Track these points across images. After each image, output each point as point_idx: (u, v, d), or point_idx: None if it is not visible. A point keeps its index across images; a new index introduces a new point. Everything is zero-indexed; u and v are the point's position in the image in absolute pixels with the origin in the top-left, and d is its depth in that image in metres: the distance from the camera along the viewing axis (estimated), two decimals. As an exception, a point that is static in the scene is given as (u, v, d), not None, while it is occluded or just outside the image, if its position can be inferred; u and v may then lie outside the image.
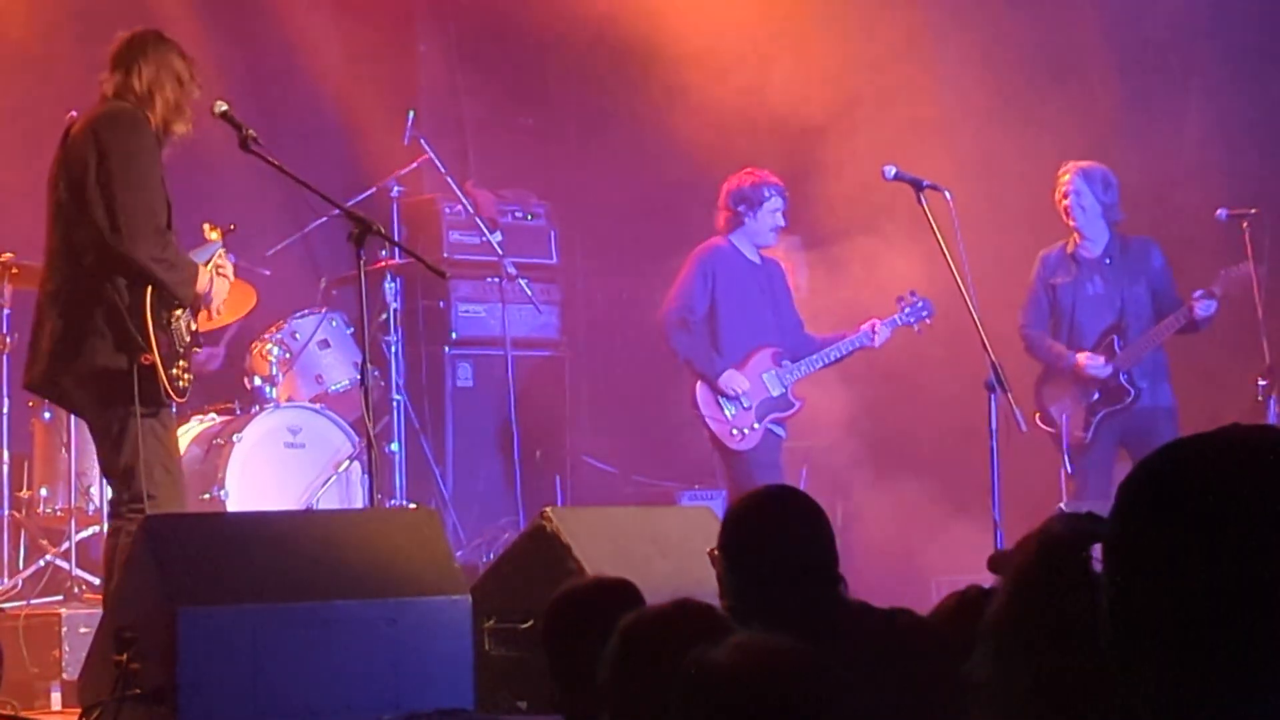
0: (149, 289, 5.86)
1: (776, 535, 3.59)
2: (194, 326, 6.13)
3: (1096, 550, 1.95)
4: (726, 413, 8.06)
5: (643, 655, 2.72)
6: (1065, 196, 8.11)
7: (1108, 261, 8.13)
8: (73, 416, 7.72)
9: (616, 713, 2.70)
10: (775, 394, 8.14)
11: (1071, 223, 8.12)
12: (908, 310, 8.21)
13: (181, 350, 5.99)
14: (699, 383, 8.12)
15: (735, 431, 8.07)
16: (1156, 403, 8.01)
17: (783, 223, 8.25)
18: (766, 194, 8.16)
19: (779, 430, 8.23)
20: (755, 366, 8.15)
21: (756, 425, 8.09)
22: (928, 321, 8.22)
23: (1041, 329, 8.20)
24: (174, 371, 5.92)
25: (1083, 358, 8.03)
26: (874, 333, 8.16)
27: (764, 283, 8.30)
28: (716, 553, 3.66)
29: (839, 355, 8.23)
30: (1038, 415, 8.18)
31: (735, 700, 2.09)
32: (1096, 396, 8.03)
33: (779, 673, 2.10)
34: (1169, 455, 1.70)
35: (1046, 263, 8.23)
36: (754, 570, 3.56)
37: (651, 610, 2.82)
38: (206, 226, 6.39)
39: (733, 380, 8.04)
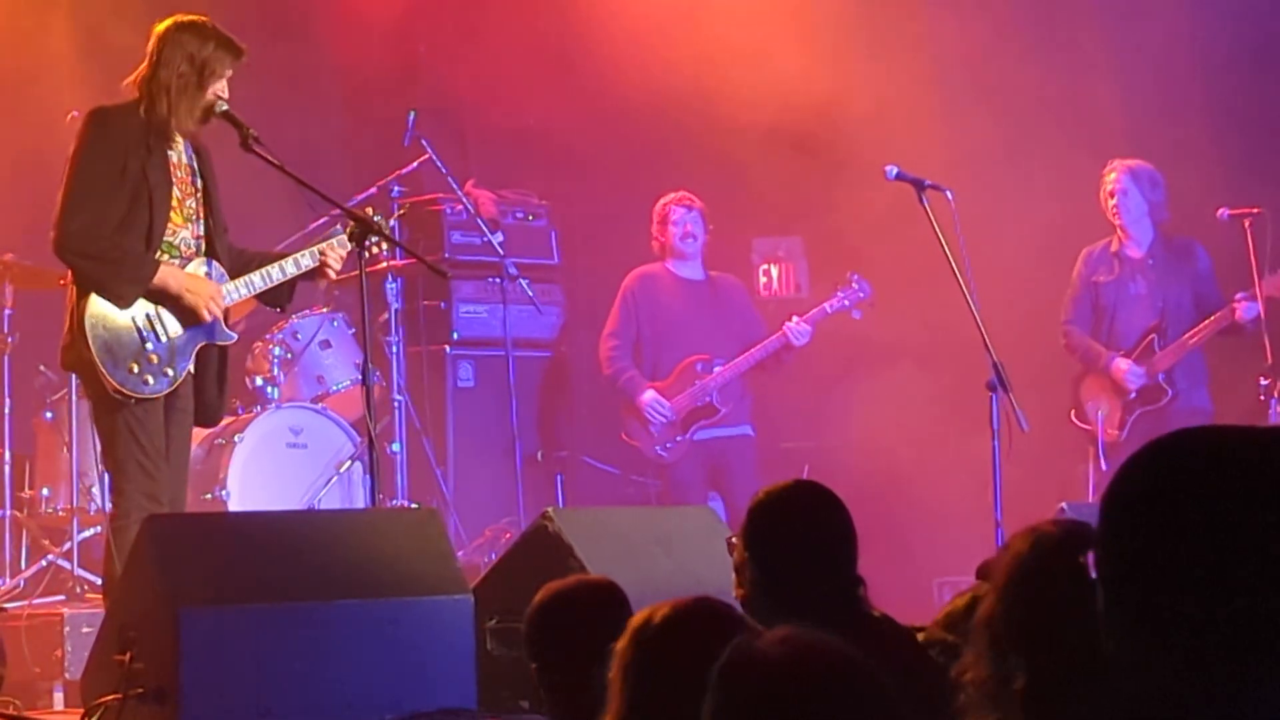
0: (86, 285, 5.88)
1: (801, 528, 3.56)
2: (214, 316, 6.02)
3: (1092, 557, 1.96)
4: (650, 430, 8.48)
5: (656, 652, 2.69)
6: (1112, 195, 8.11)
7: (1151, 262, 8.13)
8: (74, 416, 7.74)
9: (624, 712, 2.67)
10: (700, 404, 8.49)
11: (1118, 221, 8.13)
12: (841, 295, 8.38)
13: (148, 345, 5.90)
14: (624, 410, 8.56)
15: (658, 448, 8.49)
16: (1192, 405, 8.01)
17: (690, 231, 8.59)
18: (666, 211, 8.63)
19: (723, 432, 8.52)
20: (681, 378, 8.49)
21: (680, 439, 8.48)
22: (865, 301, 8.37)
23: (1084, 326, 8.21)
24: (130, 366, 5.86)
25: (1121, 365, 8.01)
26: (787, 334, 8.40)
27: (705, 298, 8.64)
28: (735, 540, 3.64)
29: (760, 356, 8.49)
30: (1073, 412, 8.20)
31: (782, 693, 2.04)
32: (1133, 395, 8.04)
33: (827, 668, 2.05)
34: (1147, 457, 1.72)
35: (1089, 260, 8.23)
36: (774, 561, 3.53)
37: (666, 607, 2.79)
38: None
39: (651, 404, 8.43)
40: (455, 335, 9.40)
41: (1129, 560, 1.69)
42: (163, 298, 5.94)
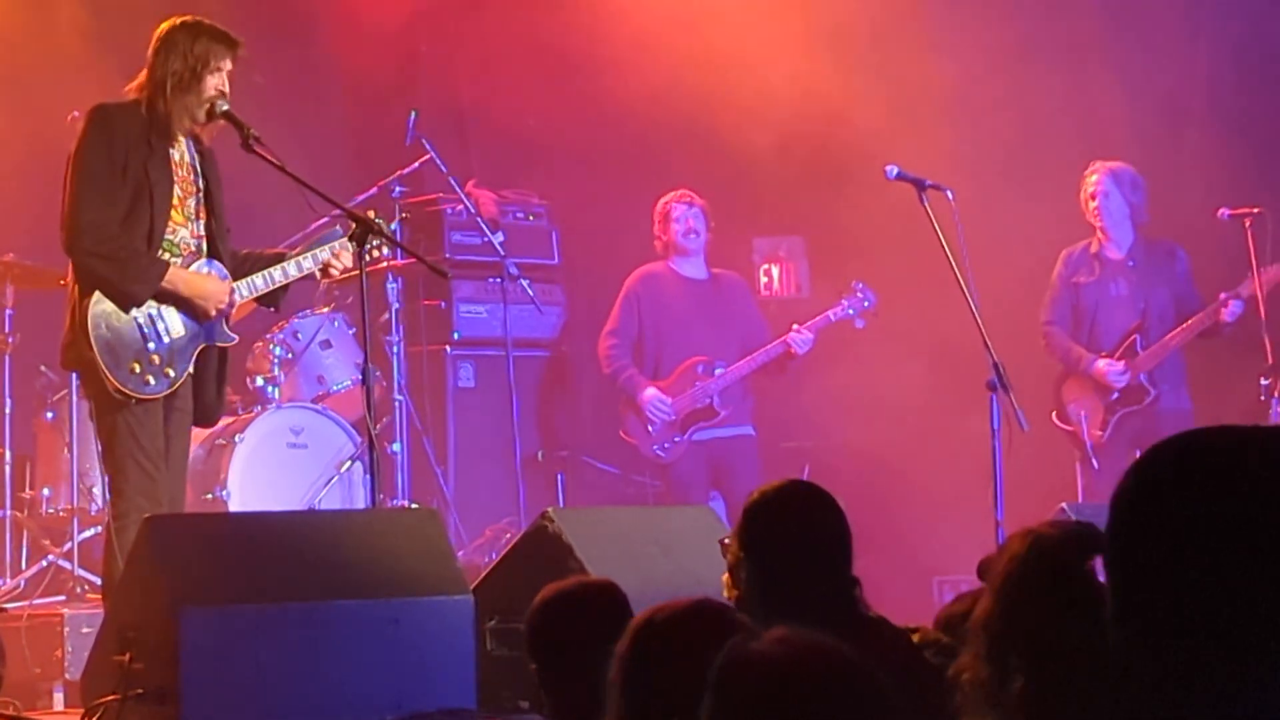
0: (93, 284, 5.86)
1: (798, 529, 3.56)
2: (220, 314, 6.02)
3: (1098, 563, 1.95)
4: (648, 429, 8.48)
5: (657, 654, 2.69)
6: (1094, 198, 8.11)
7: (1131, 263, 8.14)
8: (75, 416, 7.73)
9: (625, 713, 2.67)
10: (701, 405, 8.50)
11: (1099, 223, 8.13)
12: (845, 303, 8.39)
13: (150, 345, 5.90)
14: (623, 408, 8.56)
15: (656, 447, 8.49)
16: (1176, 405, 8.02)
17: (693, 227, 8.62)
18: (668, 209, 8.65)
19: (724, 433, 8.52)
20: (682, 379, 8.51)
21: (679, 439, 8.49)
22: (869, 310, 8.38)
23: (1064, 327, 8.22)
24: (132, 366, 5.84)
25: (1103, 365, 8.03)
26: (789, 342, 8.42)
27: (708, 298, 8.66)
28: (728, 541, 3.64)
29: (762, 361, 8.50)
30: (1055, 413, 8.20)
31: (779, 693, 2.03)
32: (1115, 396, 8.06)
33: (825, 668, 2.05)
34: (1161, 454, 1.72)
35: (1069, 261, 8.24)
36: (771, 561, 3.53)
37: (667, 608, 2.79)
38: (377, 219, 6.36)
39: (653, 402, 8.44)
40: (456, 335, 9.40)
41: (1128, 560, 1.69)
42: (170, 299, 5.95)
